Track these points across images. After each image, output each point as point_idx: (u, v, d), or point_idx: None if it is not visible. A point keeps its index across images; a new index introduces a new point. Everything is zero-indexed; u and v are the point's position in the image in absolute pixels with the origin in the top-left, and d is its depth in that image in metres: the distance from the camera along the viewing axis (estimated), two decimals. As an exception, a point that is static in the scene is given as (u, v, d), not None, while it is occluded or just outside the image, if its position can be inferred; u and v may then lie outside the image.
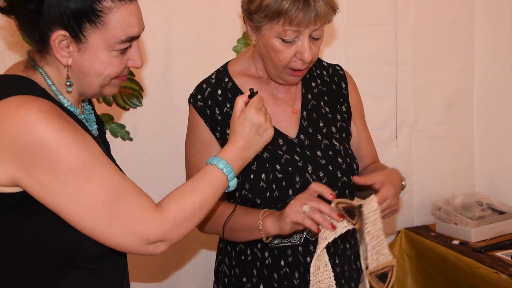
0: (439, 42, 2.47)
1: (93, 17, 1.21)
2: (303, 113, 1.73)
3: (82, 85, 1.29)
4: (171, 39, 2.18)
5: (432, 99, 2.51)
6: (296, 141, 1.69)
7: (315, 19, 1.53)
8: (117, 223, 1.21)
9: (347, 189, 1.69)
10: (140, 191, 1.26)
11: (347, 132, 1.77)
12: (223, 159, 1.37)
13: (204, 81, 1.74)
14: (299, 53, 1.57)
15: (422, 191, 2.56)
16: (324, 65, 1.83)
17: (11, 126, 1.14)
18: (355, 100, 1.82)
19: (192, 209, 1.29)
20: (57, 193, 1.17)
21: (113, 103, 2.17)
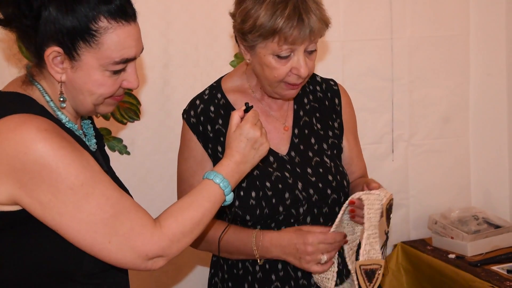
0: (434, 57, 2.49)
1: (88, 36, 1.22)
2: (295, 129, 1.72)
3: (75, 102, 1.30)
4: (169, 54, 2.19)
5: (428, 114, 2.53)
6: (286, 158, 1.69)
7: (310, 35, 1.53)
8: (116, 240, 1.21)
9: (337, 206, 1.68)
10: (139, 207, 1.27)
11: (338, 148, 1.77)
12: (219, 174, 1.37)
13: (197, 97, 1.75)
14: (295, 68, 1.57)
15: (418, 205, 2.57)
16: (317, 80, 1.82)
17: (10, 146, 1.15)
18: (348, 116, 1.81)
19: (190, 225, 1.30)
20: (57, 212, 1.18)
21: (110, 117, 2.17)
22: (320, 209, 1.67)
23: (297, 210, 1.64)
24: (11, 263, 1.23)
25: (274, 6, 1.51)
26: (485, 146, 2.60)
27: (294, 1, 1.52)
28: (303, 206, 1.65)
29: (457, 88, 2.55)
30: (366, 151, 2.42)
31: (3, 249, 1.22)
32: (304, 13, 1.51)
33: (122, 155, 2.21)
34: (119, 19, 1.23)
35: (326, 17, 1.57)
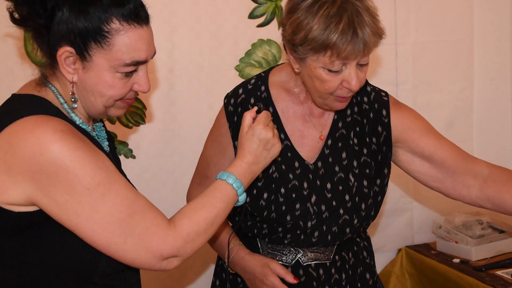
0: (439, 62, 2.49)
1: (99, 37, 1.23)
2: (328, 140, 1.66)
3: (86, 103, 1.31)
4: (174, 58, 2.21)
5: (432, 118, 2.49)
6: (312, 167, 1.64)
7: (364, 50, 1.46)
8: (132, 240, 1.23)
9: (348, 228, 1.65)
10: (153, 207, 1.28)
11: (370, 167, 1.67)
12: (232, 174, 1.39)
13: (242, 84, 1.71)
14: (346, 81, 1.50)
15: (422, 209, 2.57)
16: (367, 90, 1.72)
17: (27, 147, 1.16)
18: (406, 121, 1.69)
19: (204, 225, 1.31)
20: (73, 212, 1.19)
21: (116, 121, 2.19)
22: (329, 227, 1.64)
23: (305, 223, 1.62)
24: (28, 264, 1.24)
25: (327, 19, 1.44)
26: (489, 150, 2.60)
27: (349, 14, 1.45)
28: (312, 220, 1.62)
29: (461, 92, 2.55)
30: (370, 155, 2.46)
31: (20, 250, 1.23)
32: (359, 27, 1.44)
33: (127, 158, 2.22)
34: (131, 21, 1.25)
35: (381, 29, 1.51)
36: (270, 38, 2.28)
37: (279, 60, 2.30)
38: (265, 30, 2.27)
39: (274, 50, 2.30)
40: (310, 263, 1.67)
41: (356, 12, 1.45)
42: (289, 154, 1.64)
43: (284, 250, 1.68)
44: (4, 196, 1.19)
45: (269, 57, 2.30)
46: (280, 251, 1.68)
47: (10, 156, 1.17)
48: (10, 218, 1.20)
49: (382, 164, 1.70)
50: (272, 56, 2.30)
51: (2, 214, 1.20)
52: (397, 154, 1.72)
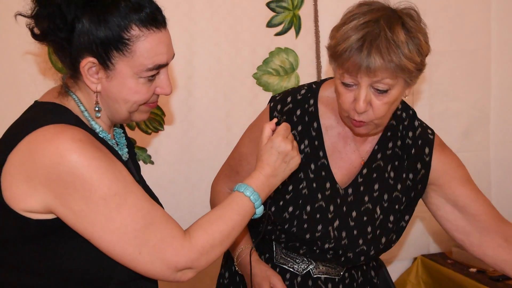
0: (455, 71, 2.50)
1: (121, 45, 1.24)
2: (364, 169, 1.64)
3: (111, 111, 1.32)
4: (193, 66, 2.24)
5: (449, 127, 2.53)
6: (342, 191, 1.63)
7: (367, 71, 1.41)
8: (147, 251, 1.22)
9: (363, 256, 1.64)
10: (169, 218, 1.28)
11: (400, 203, 1.64)
12: (250, 187, 1.37)
13: (292, 92, 1.67)
14: (356, 100, 1.46)
15: (438, 218, 2.57)
16: (414, 124, 1.67)
17: (46, 156, 1.17)
18: (447, 167, 1.66)
19: (219, 237, 1.30)
20: (89, 221, 1.20)
21: (135, 127, 2.23)
22: (345, 253, 1.63)
23: (323, 244, 1.62)
24: (45, 270, 1.25)
25: (347, 31, 1.44)
26: (506, 160, 2.59)
27: (368, 31, 1.42)
28: (330, 243, 1.62)
29: (477, 102, 2.55)
30: (386, 163, 2.46)
31: (38, 256, 1.24)
32: (368, 46, 1.41)
33: (146, 164, 2.25)
34: (150, 26, 1.26)
35: (403, 60, 1.41)
36: (287, 46, 2.30)
37: (296, 68, 2.32)
38: (282, 38, 2.30)
39: (291, 59, 2.32)
40: (320, 276, 1.68)
41: (375, 34, 1.42)
42: (323, 173, 1.62)
43: (297, 258, 1.69)
44: (23, 204, 1.19)
45: (287, 65, 2.32)
46: (294, 258, 1.69)
47: (30, 165, 1.18)
48: (29, 225, 1.21)
49: (415, 201, 1.68)
50: (289, 64, 2.32)
51: (21, 221, 1.20)
52: (429, 196, 1.69)
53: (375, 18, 1.44)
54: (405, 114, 1.68)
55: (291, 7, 2.28)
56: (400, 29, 1.43)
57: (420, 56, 1.46)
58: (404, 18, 1.46)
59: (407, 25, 1.45)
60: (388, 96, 1.46)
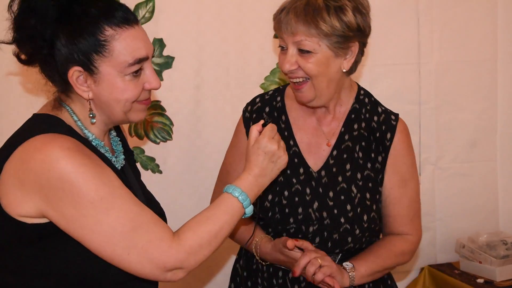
0: (462, 81, 2.51)
1: (99, 48, 1.30)
2: (334, 151, 1.73)
3: (106, 114, 1.37)
4: (201, 76, 2.26)
5: (455, 138, 2.54)
6: (315, 175, 1.71)
7: (286, 29, 1.60)
8: (135, 252, 1.27)
9: (350, 237, 1.68)
10: (158, 221, 1.33)
11: (374, 182, 1.73)
12: (238, 187, 1.42)
13: (260, 94, 1.85)
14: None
15: (445, 228, 2.56)
16: (378, 110, 1.78)
17: (36, 163, 1.24)
18: (398, 155, 1.74)
19: (207, 237, 1.35)
20: (79, 225, 1.26)
21: (144, 137, 2.25)
22: (330, 234, 1.68)
23: (307, 228, 1.68)
24: (43, 273, 1.30)
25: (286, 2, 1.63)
26: (513, 170, 2.60)
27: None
28: (314, 226, 1.68)
29: (484, 112, 2.55)
30: (393, 173, 2.46)
31: (35, 259, 1.29)
32: (293, 8, 1.59)
33: (154, 173, 2.27)
34: (122, 25, 1.32)
35: (316, 21, 1.56)
36: (294, 57, 2.32)
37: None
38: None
39: (298, 69, 2.34)
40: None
41: (299, 2, 1.59)
42: (296, 160, 1.72)
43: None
44: (18, 209, 1.26)
45: (294, 76, 2.34)
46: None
47: (22, 172, 1.25)
48: (25, 230, 1.27)
49: (381, 183, 1.75)
50: (296, 75, 2.34)
51: (17, 226, 1.27)
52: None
53: None
54: (368, 99, 1.80)
55: (299, 18, 2.30)
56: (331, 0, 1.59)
57: (341, 23, 1.58)
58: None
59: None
60: (313, 57, 1.60)
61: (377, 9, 2.37)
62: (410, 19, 2.41)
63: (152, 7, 2.18)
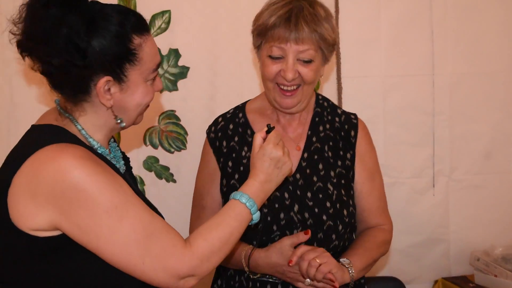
0: (476, 93, 2.50)
1: (131, 57, 1.33)
2: (304, 153, 1.79)
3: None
4: (215, 86, 2.28)
5: (470, 149, 2.52)
6: (290, 179, 1.75)
7: (296, 40, 1.63)
8: (150, 260, 1.27)
9: (334, 234, 1.71)
10: (170, 228, 1.33)
11: (346, 179, 1.80)
12: (245, 194, 1.42)
13: (221, 115, 1.90)
14: (283, 70, 1.67)
15: (459, 241, 2.54)
16: (338, 112, 1.89)
17: (49, 174, 1.23)
18: (363, 151, 1.84)
19: (218, 244, 1.35)
20: (94, 235, 1.25)
21: (159, 146, 2.27)
22: (315, 234, 1.71)
23: (291, 232, 1.70)
24: (57, 286, 1.29)
25: (274, 10, 1.67)
26: (528, 182, 2.57)
27: (293, 7, 1.65)
28: (297, 228, 1.70)
29: (499, 124, 2.53)
30: (405, 185, 2.46)
31: (49, 273, 1.29)
32: (294, 17, 1.63)
33: (168, 182, 2.29)
34: (143, 32, 1.35)
35: (324, 31, 1.66)
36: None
37: (317, 89, 2.35)
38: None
39: (312, 80, 2.35)
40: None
41: (298, 8, 1.65)
42: None
43: None
44: (30, 223, 1.24)
45: (307, 86, 2.35)
46: None
47: (35, 184, 1.23)
48: (37, 244, 1.26)
49: (353, 179, 1.83)
50: (310, 85, 2.35)
51: (29, 240, 1.25)
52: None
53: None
54: (326, 103, 1.90)
55: (313, 29, 2.32)
56: (319, 7, 1.69)
57: (334, 35, 1.71)
58: (319, 3, 1.72)
59: (323, 7, 1.72)
60: (312, 65, 1.68)
61: (391, 20, 2.40)
62: (424, 30, 2.42)
63: (168, 18, 2.21)
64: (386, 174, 2.43)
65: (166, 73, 2.24)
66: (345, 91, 2.39)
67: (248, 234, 1.63)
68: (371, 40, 2.39)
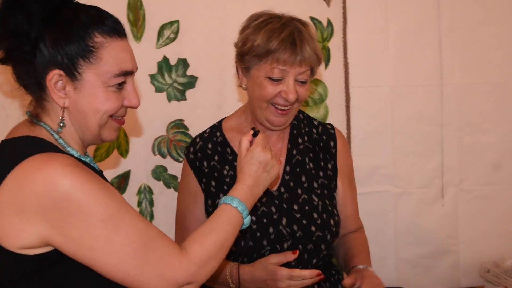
0: (484, 103, 2.49)
1: (87, 53, 1.25)
2: (286, 167, 1.79)
3: (80, 127, 1.31)
4: (224, 96, 2.29)
5: (479, 160, 2.51)
6: (275, 193, 1.75)
7: (300, 62, 1.64)
8: (148, 270, 1.22)
9: (323, 244, 1.73)
10: (164, 235, 1.28)
11: (329, 189, 1.81)
12: (236, 198, 1.39)
13: (199, 135, 1.89)
14: (284, 92, 1.66)
15: (469, 252, 2.52)
16: (314, 123, 1.91)
17: (38, 185, 1.14)
18: (343, 159, 1.87)
19: (214, 249, 1.31)
20: (89, 247, 1.18)
21: (167, 155, 2.28)
22: (305, 246, 1.71)
23: (282, 245, 1.69)
24: None
25: (272, 31, 1.65)
26: (538, 193, 2.55)
27: (291, 29, 1.65)
28: (287, 241, 1.70)
29: (508, 134, 2.52)
30: (414, 195, 2.45)
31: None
32: (298, 40, 1.64)
33: (176, 192, 2.28)
34: (112, 34, 1.29)
35: (318, 51, 1.69)
36: (316, 77, 2.34)
37: (325, 99, 2.36)
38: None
39: (320, 89, 2.36)
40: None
41: (297, 30, 1.66)
42: None
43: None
44: (18, 241, 1.16)
45: (316, 96, 2.36)
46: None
47: (21, 198, 1.15)
48: (27, 263, 1.18)
49: (335, 189, 1.86)
50: (318, 95, 2.36)
51: (18, 260, 1.17)
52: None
53: (287, 20, 1.69)
54: (302, 115, 1.92)
55: (321, 39, 2.33)
56: (309, 27, 1.72)
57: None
58: (305, 21, 1.73)
59: (311, 25, 1.74)
60: (307, 85, 1.72)
61: (399, 30, 2.40)
62: (432, 40, 2.42)
63: (176, 28, 2.22)
64: (394, 184, 2.44)
65: (175, 82, 2.25)
66: (353, 101, 2.39)
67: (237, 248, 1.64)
68: (379, 50, 2.39)
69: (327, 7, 2.33)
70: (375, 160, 2.42)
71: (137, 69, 1.37)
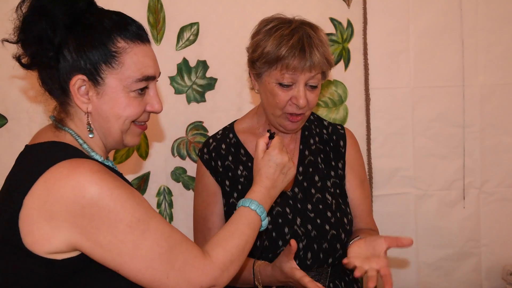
0: (507, 104, 2.46)
1: (109, 58, 1.27)
2: (299, 167, 1.82)
3: (103, 133, 1.33)
4: (243, 98, 2.30)
5: (501, 161, 2.48)
6: (290, 194, 1.78)
7: (310, 67, 1.65)
8: (173, 274, 1.24)
9: (338, 243, 1.73)
10: (188, 239, 1.30)
11: (341, 188, 1.84)
12: (255, 200, 1.41)
13: (211, 136, 1.91)
14: (295, 98, 1.67)
15: (491, 254, 2.49)
16: (324, 124, 1.93)
17: (67, 191, 1.16)
18: (352, 159, 1.89)
19: (236, 252, 1.34)
20: (117, 252, 1.20)
21: (186, 157, 2.28)
22: (320, 245, 1.72)
23: (297, 246, 1.67)
24: None
25: (281, 37, 1.66)
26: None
27: (300, 35, 1.66)
28: (302, 241, 1.71)
29: (531, 136, 2.50)
30: (435, 197, 2.43)
31: None
32: (307, 46, 1.64)
33: (195, 193, 2.30)
34: (134, 39, 1.30)
35: (329, 55, 1.70)
36: (336, 79, 2.33)
37: (345, 100, 2.34)
38: (332, 71, 2.28)
39: (340, 91, 2.34)
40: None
41: (306, 35, 1.66)
42: None
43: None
44: (47, 246, 1.18)
45: (335, 97, 2.34)
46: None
47: (50, 204, 1.16)
48: (56, 267, 1.20)
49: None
50: (338, 97, 2.34)
51: (47, 265, 1.19)
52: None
53: (297, 25, 1.69)
54: (312, 117, 1.94)
55: (341, 40, 2.32)
56: (320, 31, 1.72)
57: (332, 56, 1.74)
58: (316, 25, 1.73)
59: (321, 29, 1.74)
60: (316, 90, 1.72)
61: (421, 31, 2.38)
62: (454, 41, 2.39)
63: (196, 30, 2.23)
64: (415, 186, 2.42)
65: (194, 84, 2.26)
66: (373, 103, 2.37)
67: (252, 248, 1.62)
68: (400, 51, 2.38)
69: (347, 8, 2.31)
70: (395, 162, 2.41)
71: (160, 74, 1.37)
